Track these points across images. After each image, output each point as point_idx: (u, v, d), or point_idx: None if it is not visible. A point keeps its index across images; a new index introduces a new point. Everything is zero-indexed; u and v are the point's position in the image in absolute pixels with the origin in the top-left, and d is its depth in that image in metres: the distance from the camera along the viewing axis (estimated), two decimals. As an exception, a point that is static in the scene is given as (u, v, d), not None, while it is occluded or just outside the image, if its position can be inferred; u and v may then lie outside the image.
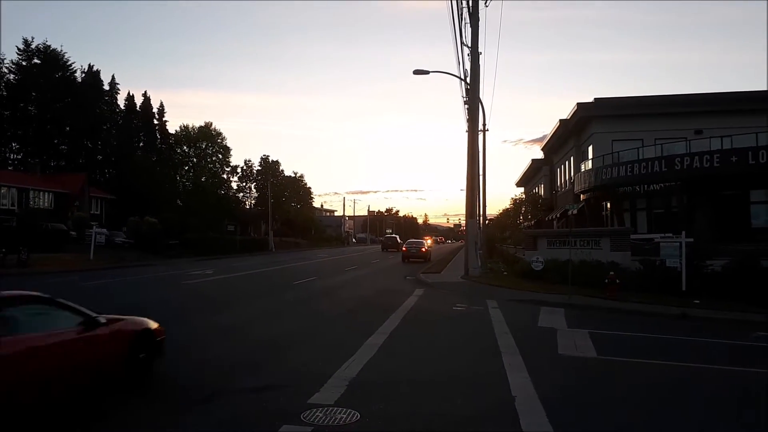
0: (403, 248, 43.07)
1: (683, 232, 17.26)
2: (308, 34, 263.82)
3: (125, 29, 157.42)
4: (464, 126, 27.41)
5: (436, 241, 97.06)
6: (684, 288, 16.49)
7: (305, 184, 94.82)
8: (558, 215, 42.47)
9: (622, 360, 9.32)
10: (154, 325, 7.78)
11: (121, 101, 73.69)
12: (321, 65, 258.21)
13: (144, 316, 8.01)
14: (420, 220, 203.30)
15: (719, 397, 7.38)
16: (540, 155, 55.80)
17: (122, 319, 7.43)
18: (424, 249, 41.65)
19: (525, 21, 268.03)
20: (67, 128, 66.38)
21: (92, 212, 56.75)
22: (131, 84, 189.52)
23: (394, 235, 73.58)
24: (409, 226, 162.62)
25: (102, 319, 6.87)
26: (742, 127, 28.81)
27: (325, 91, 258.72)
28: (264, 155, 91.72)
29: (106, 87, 71.85)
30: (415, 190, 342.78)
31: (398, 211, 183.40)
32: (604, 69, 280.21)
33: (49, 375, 5.72)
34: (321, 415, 5.94)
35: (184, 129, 77.27)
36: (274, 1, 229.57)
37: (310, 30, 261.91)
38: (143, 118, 74.24)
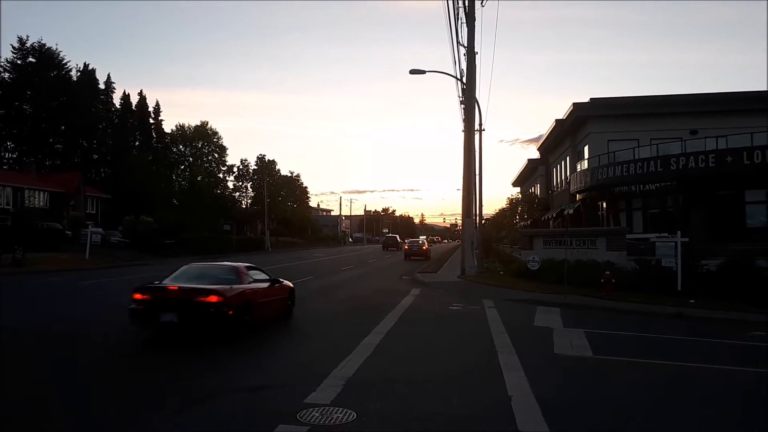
0: (405, 246, 46.78)
1: (679, 232, 17.30)
2: (305, 34, 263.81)
3: (121, 28, 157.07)
4: (461, 126, 27.44)
5: (432, 241, 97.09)
6: (679, 287, 16.54)
7: (302, 183, 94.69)
8: (554, 215, 42.54)
9: (618, 359, 9.34)
10: (291, 285, 13.68)
11: (116, 100, 73.52)
12: (317, 65, 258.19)
13: None
14: (416, 220, 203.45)
15: (715, 397, 7.41)
16: (536, 155, 55.92)
17: (284, 281, 13.33)
18: (425, 248, 45.29)
19: (521, 21, 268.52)
20: (63, 127, 66.16)
21: (88, 211, 56.55)
22: (127, 83, 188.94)
23: (394, 235, 76.21)
24: (405, 226, 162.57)
25: (280, 279, 12.98)
26: (738, 127, 28.92)
27: (322, 90, 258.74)
28: (260, 154, 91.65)
29: (102, 86, 71.62)
30: (412, 190, 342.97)
31: (395, 210, 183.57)
32: (600, 69, 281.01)
33: (259, 302, 11.22)
34: (317, 414, 5.94)
35: (180, 128, 77.06)
36: (274, 0, 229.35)
37: (308, 29, 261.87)
38: (139, 117, 74.04)
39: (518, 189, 70.97)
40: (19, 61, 64.39)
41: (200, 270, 11.53)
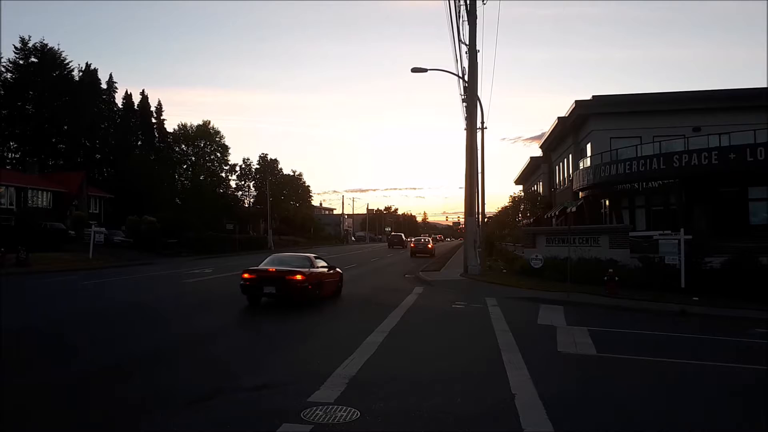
0: (412, 245, 49.61)
1: (682, 229, 17.27)
2: (308, 33, 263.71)
3: (123, 28, 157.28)
4: (463, 124, 27.41)
5: (434, 240, 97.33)
6: (683, 285, 16.52)
7: (304, 182, 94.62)
8: (557, 213, 42.49)
9: (622, 357, 9.33)
10: (341, 272, 17.71)
11: (119, 100, 73.57)
12: (320, 63, 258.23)
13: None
14: (419, 219, 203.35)
15: (719, 394, 7.40)
16: (538, 153, 55.84)
17: (337, 268, 17.38)
18: (430, 246, 47.90)
19: (523, 18, 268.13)
20: (65, 127, 66.25)
21: (91, 211, 56.66)
22: (129, 82, 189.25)
23: (400, 234, 79.12)
24: (408, 225, 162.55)
25: (335, 267, 17.11)
26: (740, 124, 28.87)
27: (324, 89, 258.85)
28: (262, 153, 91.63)
29: (104, 86, 71.70)
30: (414, 189, 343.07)
31: (397, 209, 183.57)
32: (602, 66, 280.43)
33: (325, 281, 15.50)
34: (321, 413, 5.94)
35: (183, 127, 77.13)
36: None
37: (310, 28, 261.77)
38: (141, 116, 74.09)
39: (521, 187, 70.84)
40: (21, 62, 64.47)
41: (283, 258, 16.39)
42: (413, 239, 53.78)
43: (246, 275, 14.36)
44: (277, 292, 14.22)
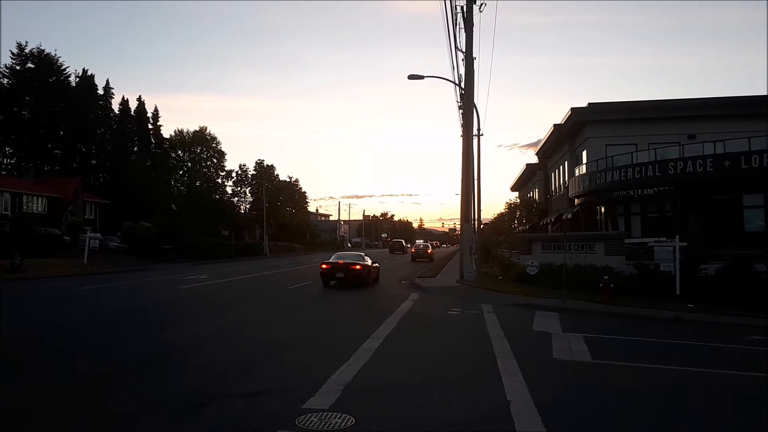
0: (412, 250, 53.57)
1: (677, 236, 17.30)
2: (304, 38, 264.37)
3: (120, 33, 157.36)
4: (459, 130, 27.45)
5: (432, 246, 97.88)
6: (678, 292, 16.53)
7: (300, 188, 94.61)
8: (552, 219, 42.56)
9: (617, 364, 9.33)
10: (378, 266, 25.60)
11: (115, 105, 73.50)
12: (316, 69, 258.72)
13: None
14: (415, 225, 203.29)
15: (714, 401, 7.40)
16: (534, 160, 56.02)
17: (376, 263, 25.25)
18: (429, 251, 51.89)
19: (520, 26, 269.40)
20: (61, 133, 66.14)
21: (86, 217, 56.50)
22: (125, 88, 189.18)
23: (400, 240, 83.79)
24: (404, 231, 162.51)
25: (376, 262, 25.43)
26: (735, 131, 29.02)
27: (321, 95, 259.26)
28: (259, 159, 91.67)
29: (101, 91, 71.64)
30: (410, 195, 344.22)
31: (393, 215, 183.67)
32: (598, 73, 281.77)
33: (371, 270, 23.87)
34: (316, 420, 5.93)
35: (179, 133, 76.92)
36: (270, 1, 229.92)
37: (306, 34, 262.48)
38: (138, 122, 74.06)
39: (517, 193, 70.99)
40: (18, 67, 64.38)
41: (344, 255, 24.63)
42: (414, 245, 59.23)
43: (323, 266, 22.39)
44: (345, 278, 21.77)
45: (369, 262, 23.40)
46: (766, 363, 10.10)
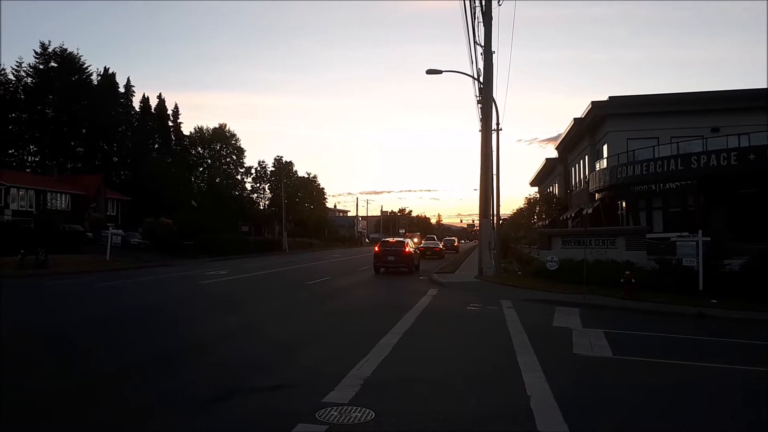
0: (442, 244, 54.37)
1: (700, 231, 17.01)
2: (321, 35, 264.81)
3: (140, 32, 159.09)
4: (477, 125, 27.27)
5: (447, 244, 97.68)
6: (701, 287, 16.28)
7: (318, 184, 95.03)
8: (572, 214, 42.20)
9: (638, 360, 9.22)
10: (418, 253, 31.75)
11: (136, 103, 74.55)
12: (334, 66, 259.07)
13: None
14: (433, 220, 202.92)
15: (738, 398, 7.27)
16: (554, 154, 55.52)
17: (416, 249, 31.18)
18: (455, 244, 61.20)
19: (539, 19, 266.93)
20: (84, 130, 67.21)
21: (108, 213, 57.37)
22: (146, 86, 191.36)
23: (432, 236, 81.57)
24: (422, 226, 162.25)
25: (417, 249, 31.76)
26: (760, 124, 28.46)
27: (339, 91, 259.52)
28: (277, 156, 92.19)
29: (122, 89, 72.70)
30: (429, 190, 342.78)
31: (411, 211, 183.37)
32: (619, 66, 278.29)
33: (416, 255, 29.69)
34: (336, 414, 5.95)
35: (199, 130, 77.86)
36: (289, 1, 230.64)
37: (324, 31, 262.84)
38: (158, 119, 74.96)
39: (536, 188, 70.53)
40: (41, 66, 65.53)
41: (390, 241, 29.12)
42: (443, 240, 64.79)
43: (376, 248, 27.61)
44: (395, 259, 26.46)
45: (414, 247, 29.27)
46: (793, 359, 9.90)
